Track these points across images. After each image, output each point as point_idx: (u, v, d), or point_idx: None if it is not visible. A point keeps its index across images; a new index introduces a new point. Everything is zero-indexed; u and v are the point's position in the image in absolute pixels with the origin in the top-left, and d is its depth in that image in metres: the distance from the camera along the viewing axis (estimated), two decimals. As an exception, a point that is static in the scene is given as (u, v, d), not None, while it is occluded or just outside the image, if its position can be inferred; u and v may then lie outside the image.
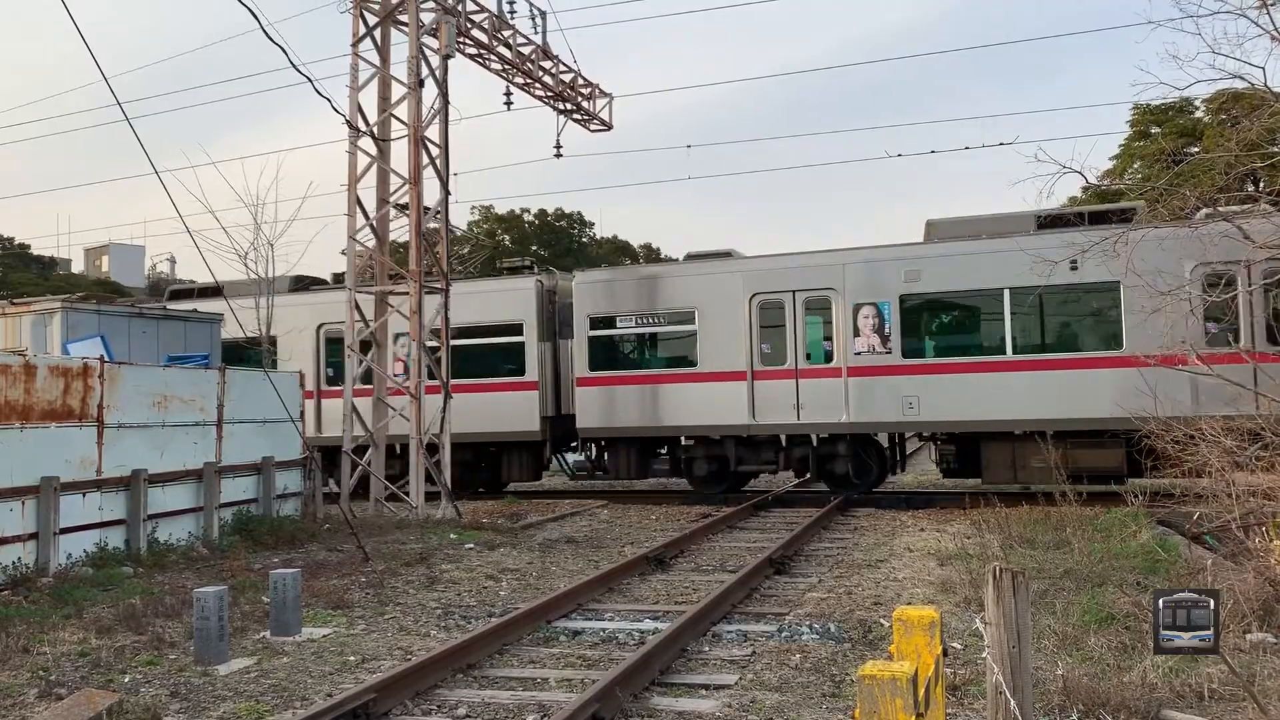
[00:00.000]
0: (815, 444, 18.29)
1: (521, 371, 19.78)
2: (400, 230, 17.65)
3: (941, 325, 17.64)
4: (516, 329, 19.88)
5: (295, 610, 8.81)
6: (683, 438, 19.14)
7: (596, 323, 19.34)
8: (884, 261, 17.48)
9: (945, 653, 4.41)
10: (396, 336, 18.79)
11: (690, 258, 19.76)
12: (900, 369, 17.20)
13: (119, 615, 9.32)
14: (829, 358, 17.80)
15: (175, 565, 12.07)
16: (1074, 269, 15.47)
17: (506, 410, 19.54)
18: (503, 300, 19.94)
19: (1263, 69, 10.99)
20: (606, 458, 20.06)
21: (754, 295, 18.24)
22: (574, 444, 21.04)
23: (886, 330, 17.36)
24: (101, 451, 12.12)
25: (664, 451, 19.97)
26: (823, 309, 17.88)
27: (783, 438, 18.41)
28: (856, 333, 17.50)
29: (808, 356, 17.96)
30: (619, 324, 19.28)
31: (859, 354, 17.47)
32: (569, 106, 21.25)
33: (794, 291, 18.03)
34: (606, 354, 19.33)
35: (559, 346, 20.19)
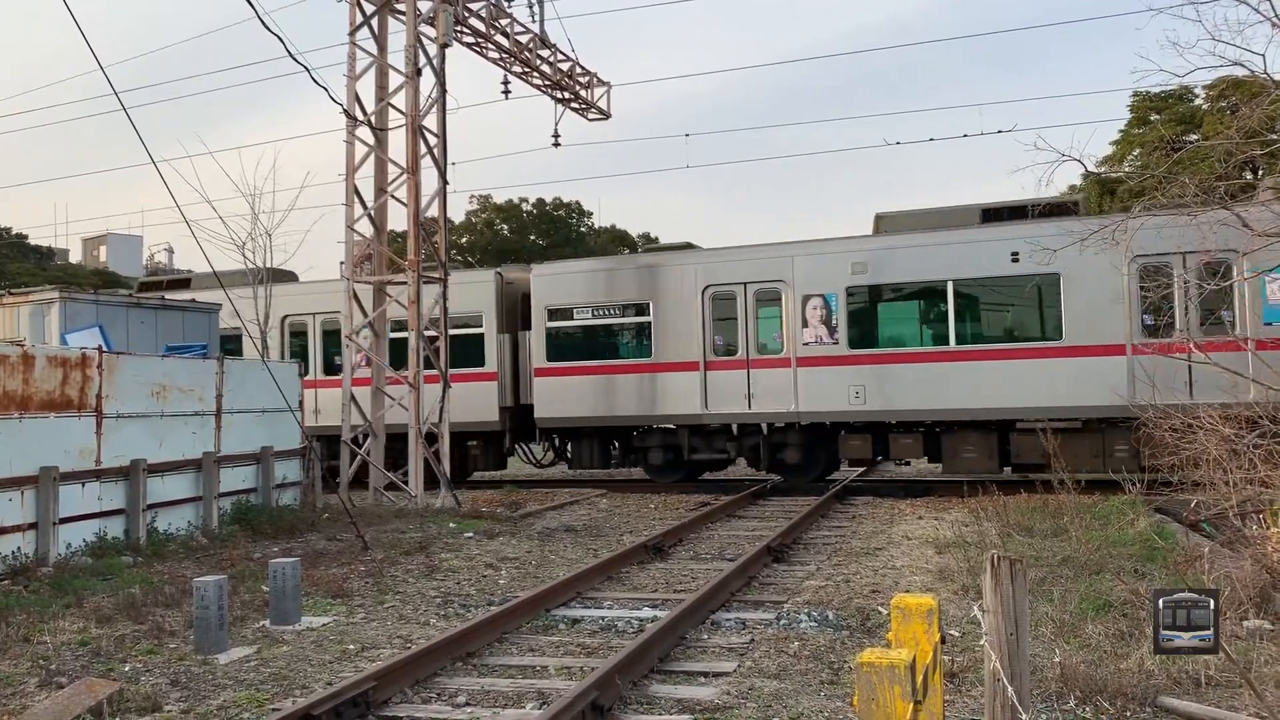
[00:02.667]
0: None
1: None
2: (398, 220, 17.64)
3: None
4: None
5: (295, 599, 8.83)
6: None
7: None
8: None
9: (943, 640, 4.42)
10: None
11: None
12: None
13: (119, 604, 9.34)
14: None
15: (175, 555, 12.09)
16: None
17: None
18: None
19: (1263, 56, 10.98)
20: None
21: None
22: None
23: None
24: (100, 441, 12.13)
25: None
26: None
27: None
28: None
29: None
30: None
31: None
32: (567, 95, 21.21)
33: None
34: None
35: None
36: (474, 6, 18.16)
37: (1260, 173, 16.89)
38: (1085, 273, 15.63)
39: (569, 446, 20.35)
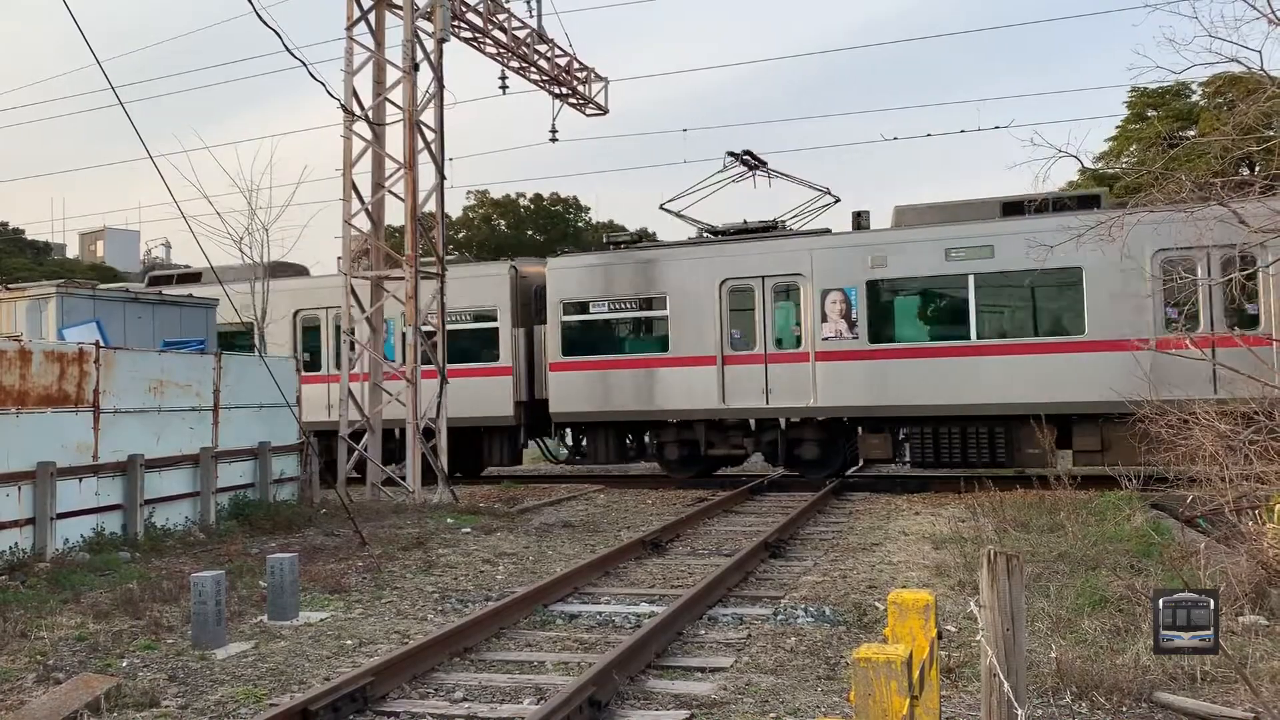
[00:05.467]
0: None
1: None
2: (395, 215, 17.62)
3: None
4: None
5: (292, 594, 8.84)
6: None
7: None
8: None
9: (940, 635, 4.44)
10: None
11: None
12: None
13: (116, 600, 9.33)
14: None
15: (172, 550, 12.08)
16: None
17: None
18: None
19: (1259, 52, 11.00)
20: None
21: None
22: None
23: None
24: (98, 437, 12.12)
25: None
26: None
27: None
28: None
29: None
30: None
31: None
32: (564, 90, 21.18)
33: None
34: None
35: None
36: (471, 1, 18.13)
37: (1257, 169, 16.89)
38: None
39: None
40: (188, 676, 7.13)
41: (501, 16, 18.92)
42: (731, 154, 20.36)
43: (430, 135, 16.95)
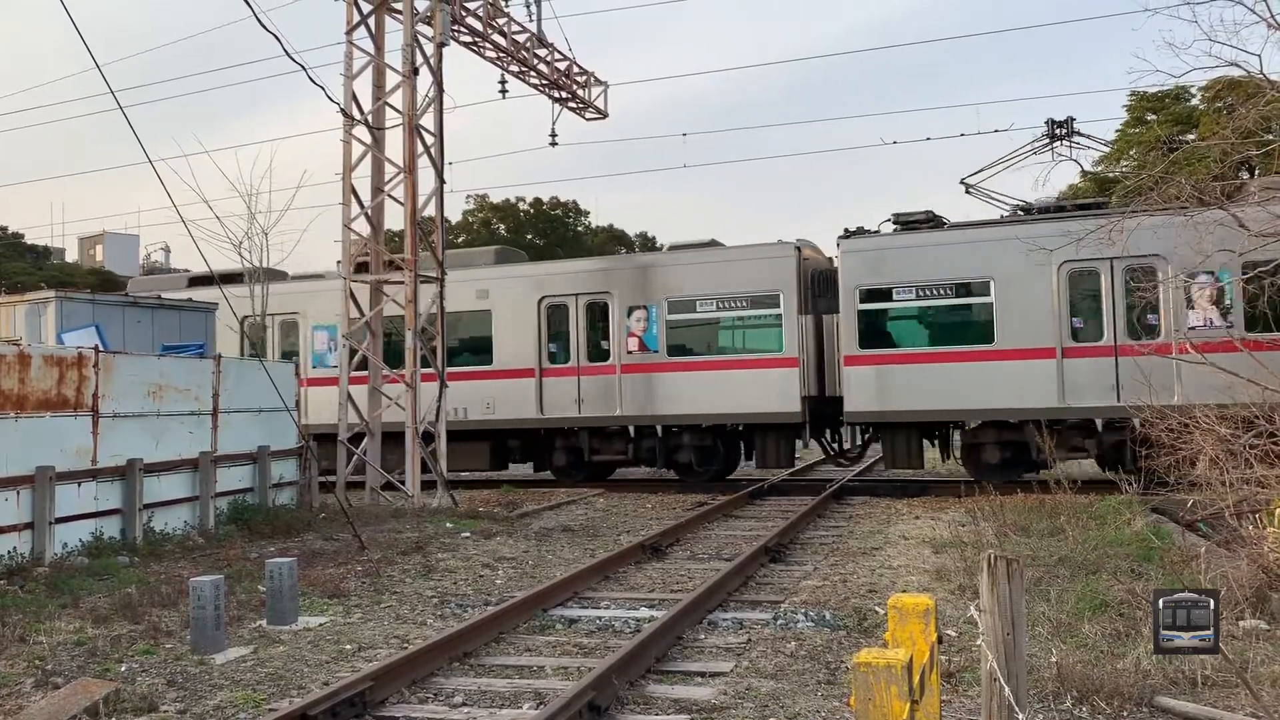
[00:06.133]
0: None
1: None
2: (395, 219, 17.61)
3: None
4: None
5: (291, 599, 8.82)
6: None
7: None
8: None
9: (940, 640, 4.42)
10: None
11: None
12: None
13: (115, 605, 9.32)
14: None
15: (171, 554, 12.07)
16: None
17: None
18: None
19: (1259, 56, 11.04)
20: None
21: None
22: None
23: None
24: (97, 441, 12.10)
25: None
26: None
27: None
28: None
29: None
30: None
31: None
32: (564, 95, 21.20)
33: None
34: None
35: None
36: (471, 5, 18.15)
37: (1256, 172, 16.89)
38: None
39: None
40: (186, 681, 7.12)
41: (501, 21, 18.94)
42: (1052, 121, 18.54)
43: (430, 139, 16.96)
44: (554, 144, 21.82)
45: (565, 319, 19.74)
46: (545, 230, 52.84)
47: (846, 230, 18.16)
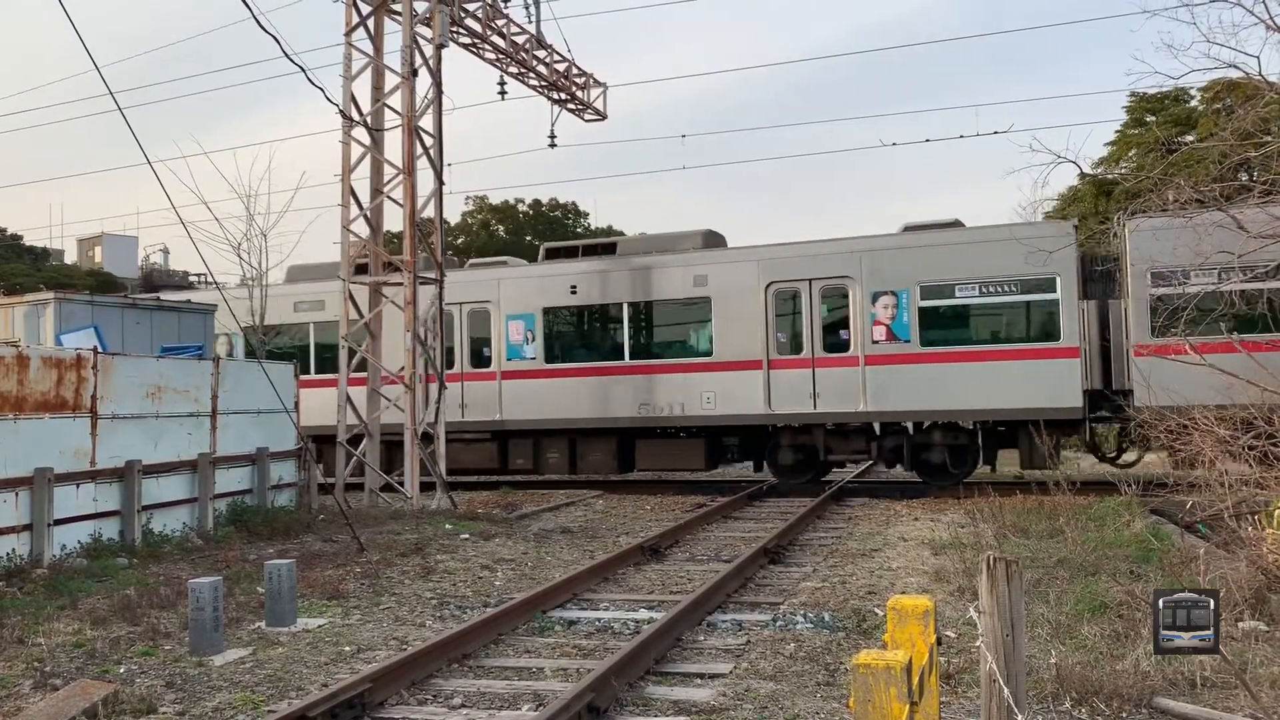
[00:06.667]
0: None
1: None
2: (394, 221, 17.61)
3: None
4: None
5: (290, 601, 8.82)
6: None
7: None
8: None
9: (939, 641, 4.43)
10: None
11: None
12: None
13: (114, 606, 9.31)
14: None
15: (170, 556, 12.06)
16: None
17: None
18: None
19: (1258, 58, 11.04)
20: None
21: None
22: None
23: None
24: (95, 442, 12.10)
25: None
26: None
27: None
28: None
29: None
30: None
31: None
32: (563, 96, 21.19)
33: None
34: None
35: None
36: (470, 7, 18.15)
37: (1255, 174, 16.90)
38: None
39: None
40: (185, 683, 7.11)
41: (500, 22, 18.95)
42: None
43: (429, 141, 16.96)
44: (553, 145, 21.80)
45: (797, 306, 18.26)
46: (544, 232, 52.81)
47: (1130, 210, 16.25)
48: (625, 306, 19.26)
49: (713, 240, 20.15)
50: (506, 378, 19.90)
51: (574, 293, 19.53)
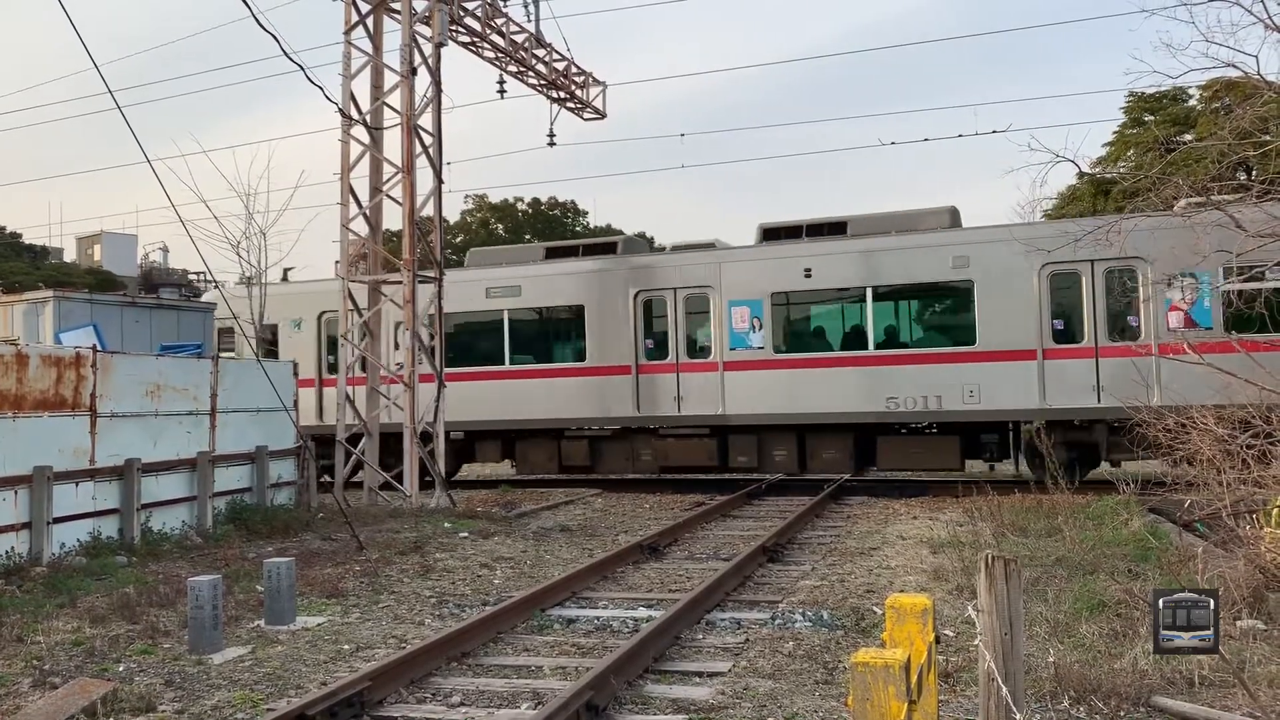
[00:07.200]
0: None
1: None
2: (393, 219, 17.59)
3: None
4: None
5: (289, 599, 8.82)
6: None
7: None
8: None
9: (938, 640, 4.43)
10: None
11: None
12: None
13: (113, 604, 9.31)
14: None
15: (169, 554, 12.06)
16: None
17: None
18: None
19: (1256, 57, 11.01)
20: None
21: None
22: None
23: None
24: (95, 441, 12.10)
25: None
26: None
27: None
28: None
29: None
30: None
31: None
32: (562, 95, 21.19)
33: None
34: None
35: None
36: (469, 6, 18.14)
37: (1254, 173, 16.88)
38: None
39: None
40: (184, 681, 7.12)
41: (499, 21, 18.94)
42: None
43: (428, 139, 16.95)
44: (552, 144, 21.81)
45: (1077, 291, 16.60)
46: (544, 230, 52.86)
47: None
48: (869, 290, 17.65)
49: (957, 219, 18.32)
50: (730, 369, 18.47)
51: (808, 276, 17.99)
